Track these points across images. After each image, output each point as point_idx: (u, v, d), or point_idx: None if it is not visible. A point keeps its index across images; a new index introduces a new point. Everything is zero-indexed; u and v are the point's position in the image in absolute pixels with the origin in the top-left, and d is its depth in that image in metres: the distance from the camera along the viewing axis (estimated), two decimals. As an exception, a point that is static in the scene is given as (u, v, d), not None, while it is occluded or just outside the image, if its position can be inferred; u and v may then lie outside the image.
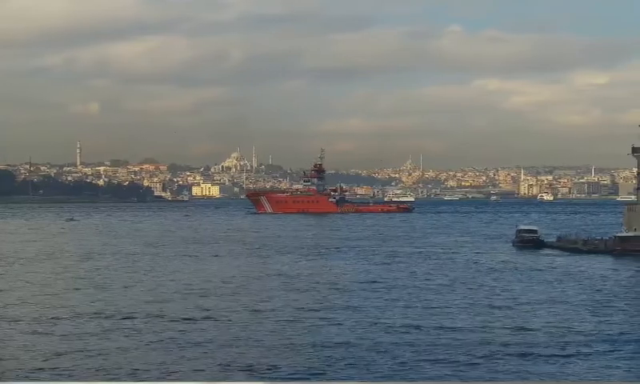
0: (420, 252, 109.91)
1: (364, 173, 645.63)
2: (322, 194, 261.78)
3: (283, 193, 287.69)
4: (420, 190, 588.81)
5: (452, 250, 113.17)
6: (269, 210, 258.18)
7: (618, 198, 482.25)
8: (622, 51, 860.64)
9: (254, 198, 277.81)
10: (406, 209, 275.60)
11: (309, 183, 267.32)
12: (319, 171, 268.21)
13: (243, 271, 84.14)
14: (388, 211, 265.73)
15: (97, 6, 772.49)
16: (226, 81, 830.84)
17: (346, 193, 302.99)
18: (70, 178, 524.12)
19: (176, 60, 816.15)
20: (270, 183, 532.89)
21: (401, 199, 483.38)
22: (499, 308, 58.92)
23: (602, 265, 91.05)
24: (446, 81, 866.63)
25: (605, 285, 73.18)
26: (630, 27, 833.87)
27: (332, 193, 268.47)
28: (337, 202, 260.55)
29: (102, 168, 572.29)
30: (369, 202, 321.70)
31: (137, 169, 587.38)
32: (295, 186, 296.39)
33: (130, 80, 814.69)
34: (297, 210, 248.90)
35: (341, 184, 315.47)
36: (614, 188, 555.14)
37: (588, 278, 78.83)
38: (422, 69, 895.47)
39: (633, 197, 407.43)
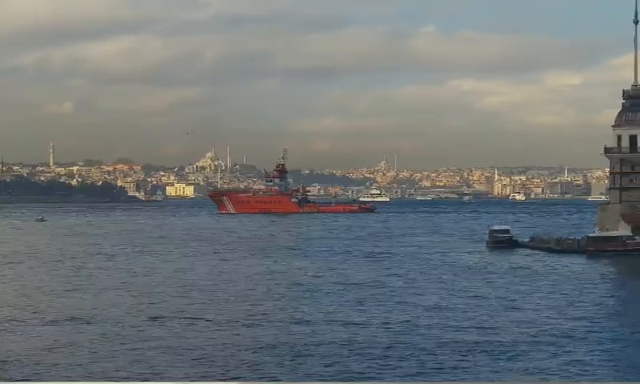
0: (388, 252, 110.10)
1: (339, 173, 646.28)
2: (284, 194, 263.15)
3: (245, 193, 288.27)
4: (394, 190, 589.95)
5: (422, 250, 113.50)
6: (231, 210, 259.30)
7: (589, 198, 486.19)
8: (595, 52, 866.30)
9: (217, 199, 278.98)
10: (367, 209, 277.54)
11: (271, 183, 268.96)
12: (281, 172, 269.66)
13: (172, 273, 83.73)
14: (350, 211, 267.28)
15: (71, 5, 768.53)
16: (200, 81, 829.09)
17: (309, 193, 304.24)
18: (42, 178, 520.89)
19: (150, 60, 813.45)
20: (245, 183, 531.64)
21: (376, 199, 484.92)
22: (465, 307, 59.08)
23: (574, 265, 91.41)
24: (421, 81, 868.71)
25: (576, 284, 73.47)
26: (602, 28, 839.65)
27: (294, 193, 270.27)
28: (299, 202, 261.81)
29: (75, 168, 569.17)
30: (331, 202, 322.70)
31: (110, 169, 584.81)
32: (257, 187, 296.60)
33: (105, 80, 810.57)
34: (259, 210, 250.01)
35: (303, 184, 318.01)
36: (587, 188, 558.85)
37: (559, 277, 79.13)
38: (397, 69, 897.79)
39: (603, 197, 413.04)
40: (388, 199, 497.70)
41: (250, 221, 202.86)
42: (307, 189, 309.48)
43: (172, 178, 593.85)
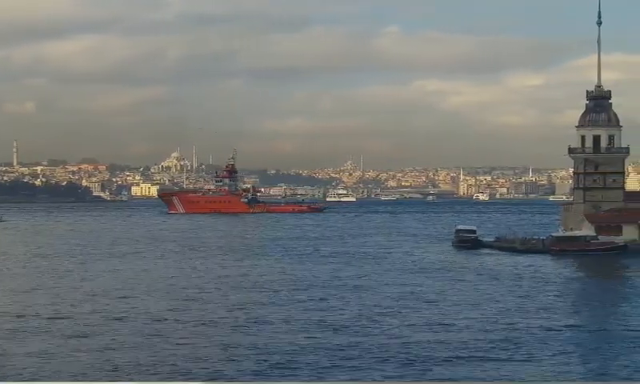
0: (351, 252, 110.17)
1: (305, 173, 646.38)
2: (234, 194, 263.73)
3: (195, 193, 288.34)
4: (360, 190, 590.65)
5: (383, 250, 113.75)
6: (181, 210, 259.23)
7: (551, 198, 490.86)
8: (557, 53, 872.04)
9: (166, 199, 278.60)
10: (317, 209, 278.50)
11: (220, 183, 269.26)
12: (231, 172, 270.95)
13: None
14: (299, 211, 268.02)
15: (32, 4, 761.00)
16: (164, 80, 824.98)
17: (259, 193, 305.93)
18: (6, 178, 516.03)
19: (114, 59, 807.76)
20: (211, 183, 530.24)
21: (342, 199, 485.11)
22: (424, 306, 59.19)
23: (538, 264, 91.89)
24: (385, 81, 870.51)
25: (538, 284, 73.86)
26: (565, 29, 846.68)
27: (244, 193, 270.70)
28: (248, 202, 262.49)
29: (39, 168, 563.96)
30: (280, 202, 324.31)
31: (75, 169, 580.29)
32: (207, 187, 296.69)
33: (68, 79, 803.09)
34: (209, 210, 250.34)
35: (253, 185, 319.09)
36: (552, 188, 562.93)
37: (522, 277, 79.48)
38: (361, 69, 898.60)
39: (563, 197, 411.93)
40: (354, 199, 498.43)
41: (188, 221, 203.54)
42: (257, 189, 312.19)
43: (137, 177, 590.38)
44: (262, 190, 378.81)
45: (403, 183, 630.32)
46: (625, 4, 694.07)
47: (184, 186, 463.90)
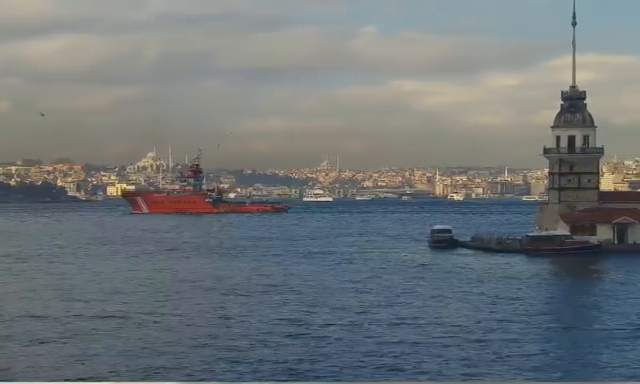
0: (321, 252, 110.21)
1: (281, 173, 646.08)
2: (198, 194, 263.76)
3: (160, 193, 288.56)
4: (337, 191, 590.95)
5: (357, 250, 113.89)
6: (145, 210, 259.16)
7: (524, 198, 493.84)
8: (533, 53, 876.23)
9: (130, 199, 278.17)
10: (281, 209, 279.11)
11: (185, 183, 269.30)
12: (196, 172, 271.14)
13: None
14: (263, 211, 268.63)
15: (8, 3, 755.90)
16: (142, 80, 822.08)
17: (224, 192, 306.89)
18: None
19: (91, 58, 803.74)
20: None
21: (319, 199, 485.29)
22: (398, 305, 59.23)
23: (513, 264, 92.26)
24: (363, 82, 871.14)
25: (513, 283, 74.09)
26: (541, 29, 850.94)
27: (208, 193, 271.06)
28: (213, 202, 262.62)
29: (13, 168, 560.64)
30: (245, 202, 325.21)
31: (50, 168, 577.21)
32: (172, 187, 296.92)
33: (44, 79, 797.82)
34: (173, 210, 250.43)
35: (218, 184, 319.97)
36: (527, 188, 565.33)
37: (497, 276, 79.71)
38: (339, 70, 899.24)
39: (536, 197, 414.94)
40: (331, 199, 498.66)
41: (141, 221, 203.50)
42: (222, 188, 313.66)
43: (113, 177, 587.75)
44: (239, 190, 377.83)
45: (379, 183, 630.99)
46: (599, 5, 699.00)
47: (160, 186, 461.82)
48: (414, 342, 45.97)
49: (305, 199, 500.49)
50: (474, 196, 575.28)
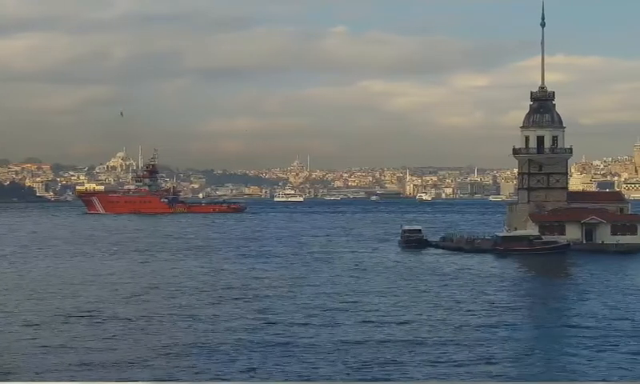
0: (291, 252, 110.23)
1: (252, 173, 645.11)
2: (154, 194, 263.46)
3: (115, 193, 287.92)
4: (307, 191, 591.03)
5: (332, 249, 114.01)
6: (100, 210, 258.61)
7: (491, 198, 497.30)
8: (502, 54, 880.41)
9: (86, 199, 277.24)
10: (237, 209, 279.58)
11: (141, 184, 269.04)
12: (152, 172, 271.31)
13: None
14: (219, 211, 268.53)
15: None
16: (109, 79, 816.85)
17: (180, 192, 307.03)
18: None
19: (58, 58, 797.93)
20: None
21: (290, 199, 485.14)
22: (363, 304, 59.32)
23: (482, 263, 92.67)
24: (331, 81, 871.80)
25: (482, 283, 74.44)
26: (510, 30, 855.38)
27: (164, 193, 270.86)
28: (169, 202, 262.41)
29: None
30: (201, 202, 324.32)
31: (18, 168, 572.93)
32: (127, 187, 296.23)
33: (9, 78, 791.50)
34: (128, 210, 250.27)
35: (174, 184, 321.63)
36: (497, 188, 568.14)
37: (466, 276, 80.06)
38: (307, 69, 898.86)
39: (503, 197, 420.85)
40: (302, 199, 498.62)
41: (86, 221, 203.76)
42: (178, 188, 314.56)
43: (82, 177, 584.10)
44: (209, 191, 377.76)
45: (350, 183, 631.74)
46: (567, 6, 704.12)
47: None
48: (380, 340, 45.99)
49: (276, 199, 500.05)
50: (443, 196, 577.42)
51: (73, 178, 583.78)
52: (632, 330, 50.56)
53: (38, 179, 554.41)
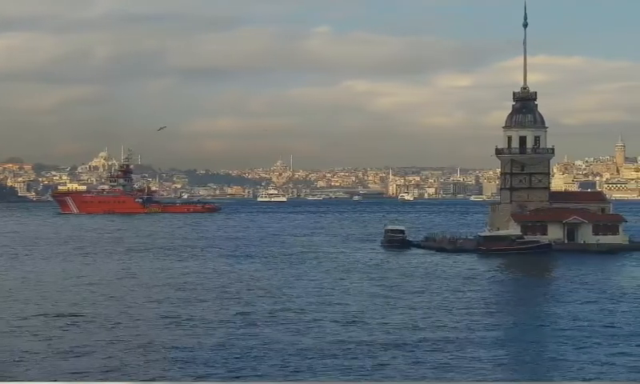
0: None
1: (235, 173, 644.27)
2: (128, 194, 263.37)
3: (89, 193, 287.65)
4: (290, 191, 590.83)
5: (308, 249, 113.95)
6: (74, 210, 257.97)
7: (472, 198, 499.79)
8: (484, 54, 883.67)
9: (60, 199, 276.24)
10: (212, 209, 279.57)
11: (115, 184, 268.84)
12: (126, 172, 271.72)
13: None
14: (194, 211, 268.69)
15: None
16: (92, 79, 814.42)
17: (154, 193, 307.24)
18: None
19: (41, 57, 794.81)
20: (139, 183, 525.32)
21: (273, 199, 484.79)
22: (346, 307, 59.22)
23: (465, 263, 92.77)
24: (315, 82, 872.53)
25: (464, 283, 74.54)
26: (493, 30, 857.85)
27: (138, 193, 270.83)
28: (143, 202, 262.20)
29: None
30: (175, 202, 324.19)
31: (0, 168, 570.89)
32: (101, 187, 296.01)
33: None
34: (103, 210, 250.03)
35: (148, 185, 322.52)
36: (479, 188, 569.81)
37: (448, 275, 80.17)
38: (291, 69, 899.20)
39: (484, 197, 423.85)
40: (285, 199, 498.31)
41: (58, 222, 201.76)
42: (152, 188, 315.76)
43: (64, 177, 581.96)
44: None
45: (333, 183, 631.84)
46: (549, 6, 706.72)
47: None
48: (360, 341, 45.92)
49: (259, 199, 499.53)
50: (426, 196, 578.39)
51: (55, 178, 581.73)
52: (612, 329, 50.70)
53: (20, 179, 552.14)
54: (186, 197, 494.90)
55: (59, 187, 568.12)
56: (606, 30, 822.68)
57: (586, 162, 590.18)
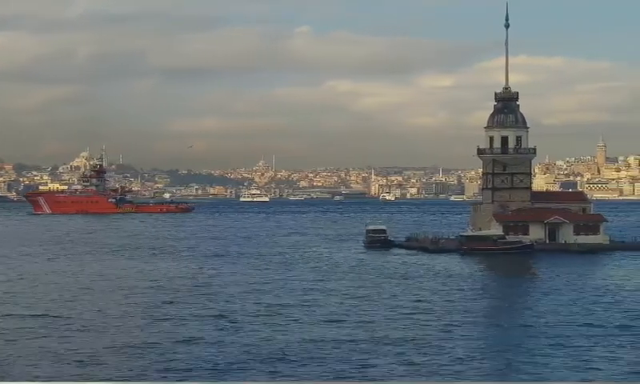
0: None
1: (217, 173, 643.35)
2: (101, 194, 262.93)
3: (62, 193, 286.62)
4: (272, 191, 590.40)
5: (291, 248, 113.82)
6: (47, 210, 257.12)
7: (452, 198, 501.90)
8: (467, 54, 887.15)
9: (32, 199, 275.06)
10: (185, 209, 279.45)
11: (88, 184, 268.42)
12: (99, 172, 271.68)
13: None
14: (168, 211, 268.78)
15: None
16: (75, 79, 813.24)
17: (128, 193, 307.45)
18: None
19: (22, 57, 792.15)
20: (121, 183, 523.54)
21: (255, 199, 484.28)
22: (323, 305, 59.23)
23: (446, 263, 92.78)
24: (298, 82, 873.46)
25: (445, 282, 74.58)
26: (475, 31, 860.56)
27: (111, 193, 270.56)
28: (116, 202, 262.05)
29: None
30: (149, 202, 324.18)
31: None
32: (74, 187, 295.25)
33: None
34: (75, 210, 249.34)
35: (121, 184, 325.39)
36: (461, 188, 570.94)
37: (430, 275, 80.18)
38: (274, 69, 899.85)
39: (464, 197, 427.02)
40: (268, 199, 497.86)
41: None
42: (125, 188, 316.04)
43: (45, 177, 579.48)
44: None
45: (315, 183, 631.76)
46: (531, 7, 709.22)
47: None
48: (341, 340, 45.82)
49: (242, 199, 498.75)
50: (408, 196, 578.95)
51: (36, 177, 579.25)
52: (592, 328, 50.84)
53: (1, 179, 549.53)
54: (167, 196, 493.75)
55: (40, 187, 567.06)
56: (587, 31, 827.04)
57: (568, 162, 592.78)
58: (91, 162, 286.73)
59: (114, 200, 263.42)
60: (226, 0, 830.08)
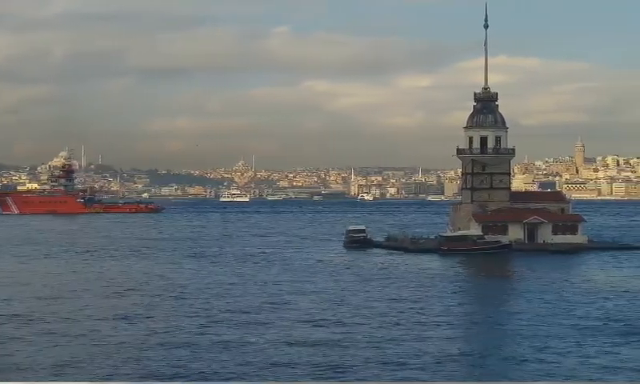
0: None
1: (197, 173, 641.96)
2: (70, 194, 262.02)
3: (31, 193, 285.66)
4: (252, 191, 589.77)
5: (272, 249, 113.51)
6: (15, 210, 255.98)
7: (429, 198, 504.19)
8: (445, 55, 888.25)
9: (1, 199, 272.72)
10: (154, 209, 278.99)
11: (56, 184, 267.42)
12: (68, 172, 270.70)
13: None
14: (137, 211, 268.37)
15: None
16: (51, 79, 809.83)
17: (97, 193, 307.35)
18: None
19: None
20: (100, 183, 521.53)
21: (235, 199, 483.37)
22: (306, 306, 58.91)
23: (426, 263, 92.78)
24: (275, 82, 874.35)
25: (426, 282, 74.49)
26: (451, 31, 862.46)
27: (80, 193, 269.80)
28: (85, 203, 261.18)
29: None
30: (118, 203, 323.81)
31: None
32: (43, 187, 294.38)
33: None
34: (44, 210, 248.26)
35: (92, 185, 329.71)
36: (441, 188, 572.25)
37: (408, 275, 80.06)
38: (251, 69, 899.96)
39: (441, 197, 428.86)
40: (248, 199, 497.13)
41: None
42: (94, 188, 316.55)
43: (24, 177, 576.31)
44: (154, 190, 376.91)
45: (295, 183, 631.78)
46: (509, 7, 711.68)
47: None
48: (319, 340, 45.55)
49: (222, 199, 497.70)
50: (388, 196, 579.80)
51: (14, 177, 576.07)
52: (570, 328, 50.79)
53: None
54: (146, 196, 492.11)
55: (18, 187, 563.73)
56: (565, 32, 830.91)
57: (546, 162, 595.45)
58: (70, 162, 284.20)
59: (82, 200, 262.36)
60: (204, 0, 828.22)
